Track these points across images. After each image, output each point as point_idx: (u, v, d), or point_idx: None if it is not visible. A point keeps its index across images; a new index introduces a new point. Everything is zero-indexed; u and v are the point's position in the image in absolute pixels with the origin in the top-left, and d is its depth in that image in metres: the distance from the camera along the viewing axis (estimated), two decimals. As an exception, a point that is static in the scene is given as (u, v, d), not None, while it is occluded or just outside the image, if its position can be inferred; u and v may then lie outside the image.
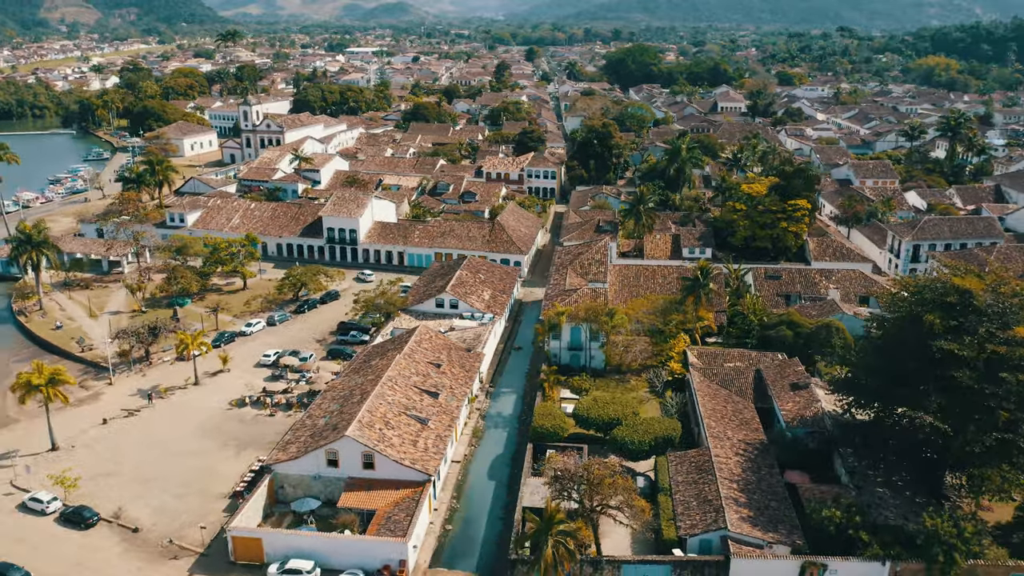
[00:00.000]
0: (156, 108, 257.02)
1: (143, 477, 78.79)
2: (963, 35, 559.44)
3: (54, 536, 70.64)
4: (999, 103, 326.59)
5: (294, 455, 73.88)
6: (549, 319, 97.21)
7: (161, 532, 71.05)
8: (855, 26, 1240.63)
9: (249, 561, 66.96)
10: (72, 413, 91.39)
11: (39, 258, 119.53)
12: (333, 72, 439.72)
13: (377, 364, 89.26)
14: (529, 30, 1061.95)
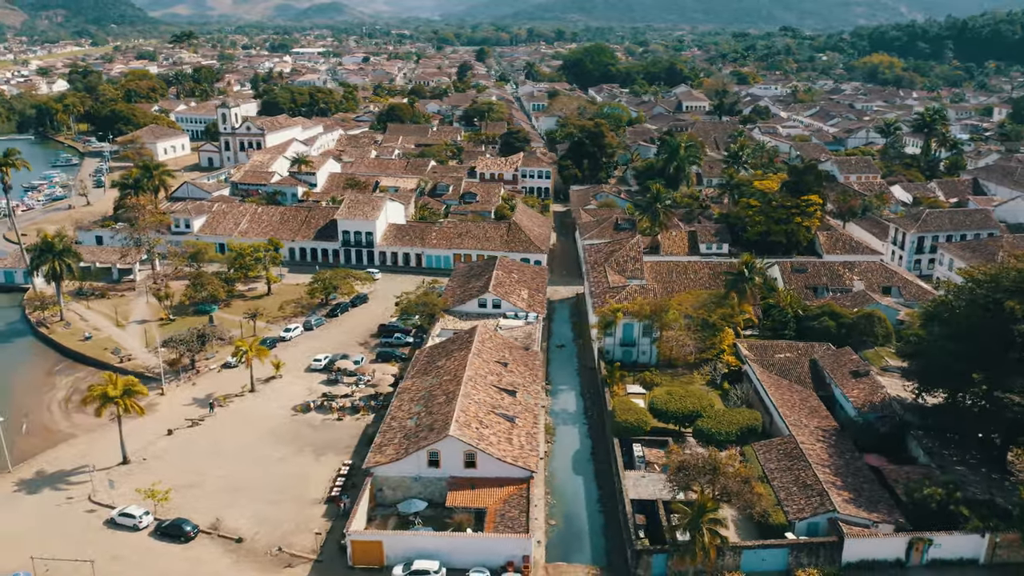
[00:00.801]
0: (124, 112, 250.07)
1: (230, 486, 77.56)
2: (900, 34, 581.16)
3: (152, 551, 69.05)
4: (947, 99, 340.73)
5: (393, 457, 73.85)
6: (604, 316, 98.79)
7: (267, 541, 70.23)
8: (786, 25, 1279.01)
9: (368, 565, 66.81)
10: (132, 425, 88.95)
11: (62, 268, 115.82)
12: (287, 73, 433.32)
13: (446, 364, 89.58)
14: (469, 30, 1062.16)
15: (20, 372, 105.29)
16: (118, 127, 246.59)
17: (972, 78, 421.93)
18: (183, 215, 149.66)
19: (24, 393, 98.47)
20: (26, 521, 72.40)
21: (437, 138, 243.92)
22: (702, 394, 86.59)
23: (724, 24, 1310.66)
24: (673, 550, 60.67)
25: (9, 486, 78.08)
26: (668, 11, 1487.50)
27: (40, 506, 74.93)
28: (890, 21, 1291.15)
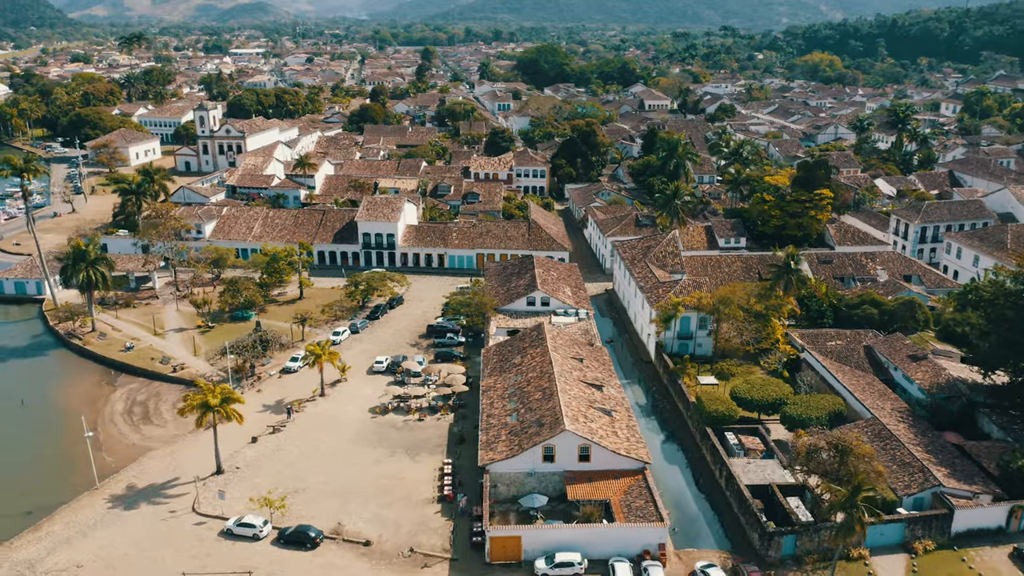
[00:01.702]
0: (90, 116, 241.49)
1: (336, 491, 77.09)
2: (833, 32, 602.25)
3: (284, 559, 68.21)
4: (891, 95, 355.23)
5: (507, 454, 74.62)
6: (665, 310, 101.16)
7: (394, 543, 70.26)
8: (711, 24, 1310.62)
9: (505, 560, 67.59)
10: (209, 435, 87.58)
11: (97, 277, 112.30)
12: (236, 75, 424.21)
13: (525, 362, 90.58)
14: (402, 30, 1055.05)
15: (67, 386, 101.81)
16: (84, 131, 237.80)
17: (909, 75, 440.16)
18: (194, 220, 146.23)
19: (81, 407, 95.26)
20: (136, 537, 70.71)
21: (416, 139, 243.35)
22: (779, 382, 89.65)
23: (652, 23, 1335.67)
24: (775, 534, 63.73)
25: (103, 503, 75.98)
26: (596, 11, 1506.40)
27: (145, 521, 73.20)
28: (812, 20, 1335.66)
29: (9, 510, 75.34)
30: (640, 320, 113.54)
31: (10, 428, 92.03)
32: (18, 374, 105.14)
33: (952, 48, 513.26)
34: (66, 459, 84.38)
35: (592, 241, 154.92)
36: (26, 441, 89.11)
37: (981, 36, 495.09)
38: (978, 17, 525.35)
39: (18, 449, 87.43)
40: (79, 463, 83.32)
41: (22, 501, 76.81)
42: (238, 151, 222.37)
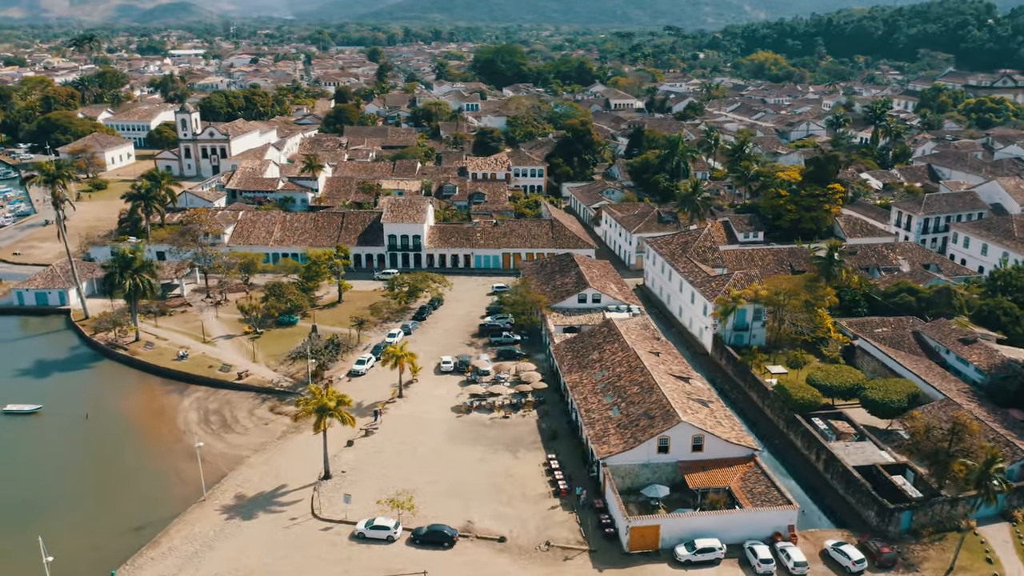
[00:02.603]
0: (62, 120, 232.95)
1: (450, 490, 77.49)
2: (770, 31, 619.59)
3: (426, 559, 68.02)
4: (842, 92, 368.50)
5: (624, 447, 76.37)
6: (725, 304, 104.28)
7: (526, 538, 71.22)
8: (639, 25, 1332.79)
9: (643, 549, 69.34)
10: (302, 439, 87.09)
11: (144, 285, 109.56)
12: (188, 76, 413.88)
13: (606, 357, 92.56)
14: (336, 30, 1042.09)
15: (126, 397, 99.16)
16: (54, 136, 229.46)
17: (853, 73, 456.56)
18: (212, 225, 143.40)
19: (149, 419, 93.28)
20: (265, 547, 70.00)
21: (398, 140, 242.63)
22: (851, 369, 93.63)
23: (583, 23, 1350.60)
24: (927, 504, 67.68)
25: (216, 514, 74.81)
26: (527, 11, 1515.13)
27: (268, 530, 72.44)
28: (737, 20, 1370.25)
29: (116, 527, 73.59)
30: (688, 313, 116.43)
31: (86, 443, 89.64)
32: (68, 388, 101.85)
33: (887, 46, 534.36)
34: (157, 471, 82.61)
35: (609, 238, 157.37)
36: (107, 455, 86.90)
37: (915, 34, 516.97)
38: (911, 15, 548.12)
39: (103, 464, 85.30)
40: (172, 475, 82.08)
41: (126, 517, 75.08)
42: (222, 155, 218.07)
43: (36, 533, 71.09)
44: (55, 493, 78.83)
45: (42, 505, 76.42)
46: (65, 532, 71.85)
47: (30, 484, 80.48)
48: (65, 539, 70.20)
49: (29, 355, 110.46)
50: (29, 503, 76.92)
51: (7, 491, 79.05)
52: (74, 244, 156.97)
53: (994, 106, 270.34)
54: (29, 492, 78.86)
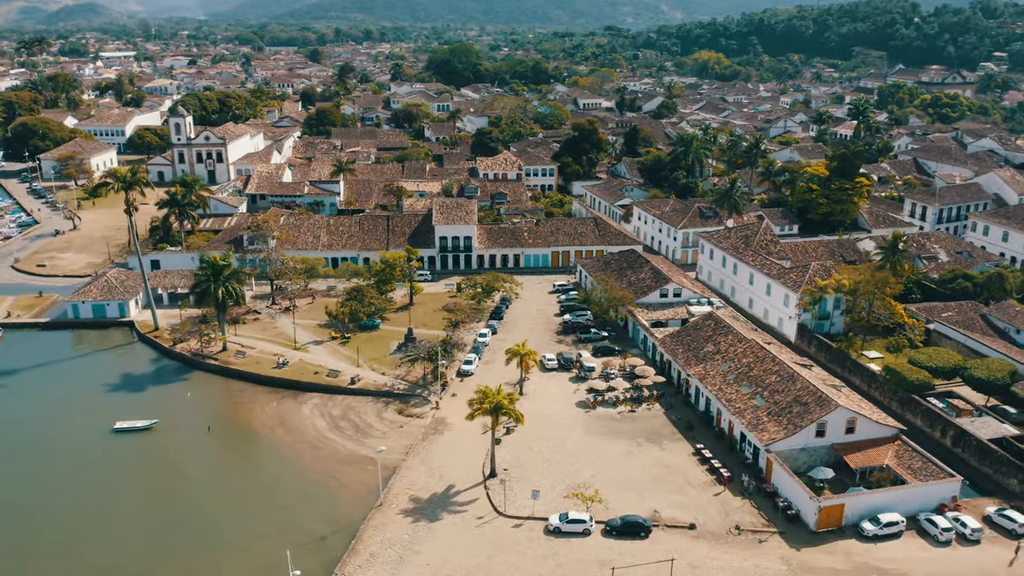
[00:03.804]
0: (39, 126, 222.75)
1: (615, 483, 79.07)
2: (703, 31, 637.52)
3: (632, 549, 69.82)
4: (792, 89, 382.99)
5: (786, 433, 79.83)
6: (813, 294, 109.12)
7: (713, 524, 73.90)
8: (559, 24, 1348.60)
9: (828, 527, 72.94)
10: (445, 440, 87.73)
11: (236, 293, 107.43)
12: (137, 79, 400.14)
13: (725, 349, 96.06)
14: (255, 30, 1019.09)
15: (239, 407, 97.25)
16: (34, 142, 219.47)
17: (799, 71, 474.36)
18: (256, 231, 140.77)
19: (279, 428, 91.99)
20: (465, 547, 70.60)
21: (389, 141, 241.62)
22: (948, 351, 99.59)
23: (505, 23, 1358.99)
24: None
25: (400, 517, 74.81)
26: (448, 10, 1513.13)
27: (459, 530, 73.01)
28: (655, 19, 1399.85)
29: (299, 538, 72.74)
30: (763, 305, 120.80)
31: (222, 457, 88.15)
32: (170, 401, 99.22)
33: (818, 44, 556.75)
34: (313, 480, 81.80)
35: (643, 234, 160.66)
36: (251, 467, 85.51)
37: (846, 33, 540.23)
38: (840, 15, 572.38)
39: (252, 476, 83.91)
40: (331, 482, 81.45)
41: (304, 527, 74.36)
42: (218, 159, 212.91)
43: (225, 548, 70.56)
44: (221, 507, 77.42)
45: (216, 520, 75.13)
46: (253, 546, 70.98)
47: (194, 500, 78.79)
48: (257, 553, 69.45)
49: (110, 370, 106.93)
50: (204, 518, 75.47)
51: (180, 508, 77.40)
52: (101, 255, 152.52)
53: (949, 101, 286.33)
54: (195, 508, 77.28)
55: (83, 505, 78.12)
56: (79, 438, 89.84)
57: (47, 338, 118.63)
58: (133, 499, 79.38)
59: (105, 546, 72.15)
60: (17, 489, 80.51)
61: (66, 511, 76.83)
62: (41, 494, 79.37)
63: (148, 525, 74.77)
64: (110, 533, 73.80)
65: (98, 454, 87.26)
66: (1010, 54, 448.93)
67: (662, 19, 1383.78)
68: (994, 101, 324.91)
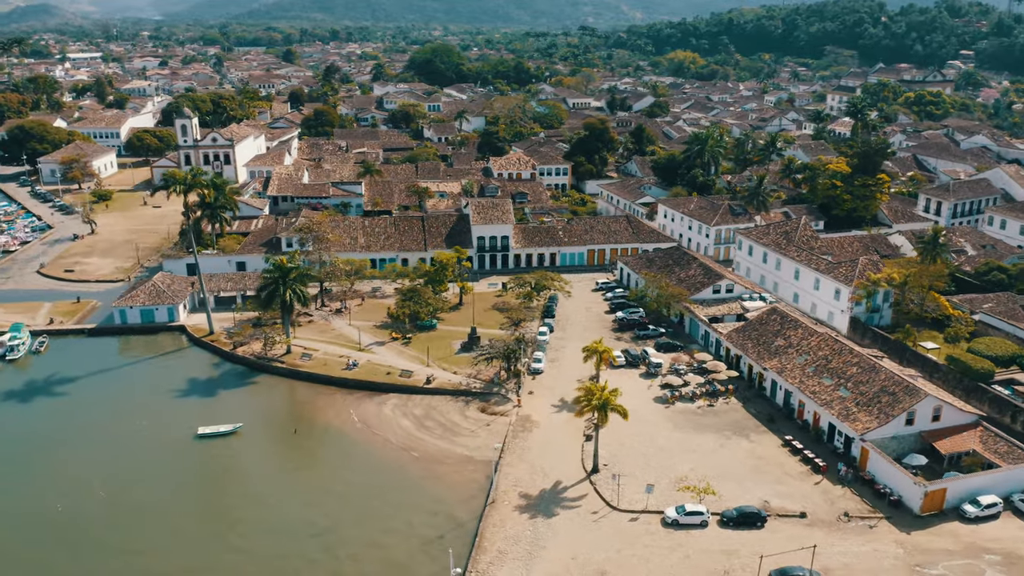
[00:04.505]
0: (37, 129, 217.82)
1: (717, 475, 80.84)
2: (674, 31, 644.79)
3: (752, 539, 71.40)
4: (771, 88, 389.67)
5: (879, 422, 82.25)
6: (867, 288, 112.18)
7: (822, 511, 76.01)
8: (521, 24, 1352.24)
9: (930, 511, 75.54)
10: (537, 437, 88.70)
11: (304, 294, 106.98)
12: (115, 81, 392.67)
13: (794, 343, 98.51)
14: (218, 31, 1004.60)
15: (322, 410, 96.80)
16: (31, 146, 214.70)
17: (775, 70, 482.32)
18: (292, 234, 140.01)
19: (365, 429, 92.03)
20: (592, 542, 71.56)
21: (392, 142, 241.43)
22: (1002, 340, 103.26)
23: (466, 23, 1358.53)
24: None
25: (516, 514, 75.52)
26: (409, 10, 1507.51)
27: (576, 525, 73.97)
28: (615, 19, 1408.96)
29: (421, 536, 73.34)
30: (810, 299, 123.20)
31: (318, 459, 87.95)
32: (246, 405, 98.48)
33: (788, 44, 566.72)
34: (415, 479, 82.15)
35: (671, 231, 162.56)
36: (349, 467, 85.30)
37: (815, 32, 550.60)
38: (808, 14, 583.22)
39: (353, 475, 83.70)
40: (435, 481, 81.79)
41: (419, 526, 74.81)
42: (226, 161, 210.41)
43: (354, 549, 70.82)
44: (335, 510, 77.39)
45: (337, 522, 75.27)
46: (389, 545, 71.45)
47: (308, 503, 78.61)
48: (391, 550, 69.93)
49: (173, 376, 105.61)
50: (324, 521, 75.49)
51: (299, 512, 77.26)
52: (127, 259, 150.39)
53: (933, 99, 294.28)
54: (312, 511, 77.23)
55: (197, 512, 78.03)
56: (165, 446, 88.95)
57: (95, 344, 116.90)
58: (247, 505, 79.06)
59: (237, 549, 72.13)
60: (121, 500, 79.51)
61: (180, 519, 76.52)
62: (148, 505, 78.59)
63: (278, 530, 74.51)
64: (239, 541, 73.51)
65: (189, 461, 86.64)
66: (976, 52, 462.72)
67: (623, 19, 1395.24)
68: (970, 98, 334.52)
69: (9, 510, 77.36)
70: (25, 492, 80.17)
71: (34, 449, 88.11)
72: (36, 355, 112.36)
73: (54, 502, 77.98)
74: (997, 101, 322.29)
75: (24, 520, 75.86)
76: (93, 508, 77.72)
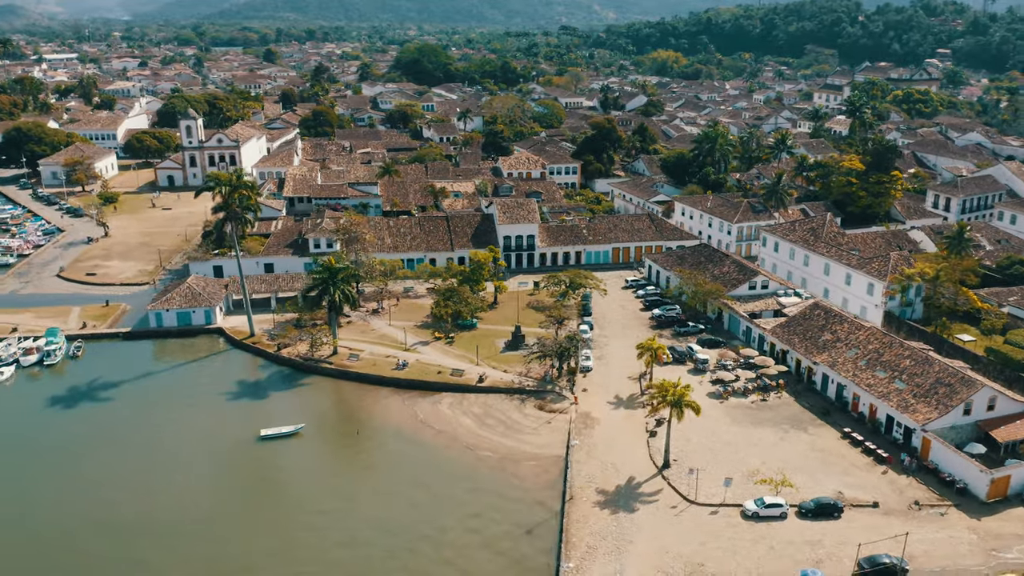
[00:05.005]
0: (34, 131, 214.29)
1: (786, 468, 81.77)
2: (653, 30, 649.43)
3: (832, 528, 73.08)
4: (756, 87, 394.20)
5: (939, 413, 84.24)
6: (902, 282, 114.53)
7: (892, 500, 77.75)
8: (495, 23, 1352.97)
9: (995, 498, 77.61)
10: (600, 433, 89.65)
11: (353, 294, 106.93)
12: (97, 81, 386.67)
13: (841, 337, 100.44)
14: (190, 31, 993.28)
15: (378, 409, 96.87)
16: (29, 148, 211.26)
17: (759, 69, 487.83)
18: (321, 235, 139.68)
19: (427, 428, 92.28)
20: (677, 535, 72.51)
21: (394, 142, 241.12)
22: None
23: (439, 23, 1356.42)
24: None
25: (596, 510, 76.13)
26: (382, 10, 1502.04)
27: (659, 519, 74.81)
28: (587, 19, 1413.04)
29: (508, 532, 74.04)
30: (841, 294, 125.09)
31: (387, 459, 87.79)
32: (302, 406, 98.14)
33: (767, 43, 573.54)
34: (489, 476, 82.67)
35: (689, 228, 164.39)
36: (419, 466, 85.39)
37: (794, 31, 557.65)
38: (786, 13, 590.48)
39: (425, 473, 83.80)
40: (511, 479, 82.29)
41: (508, 522, 75.45)
42: (231, 162, 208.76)
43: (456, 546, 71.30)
44: (421, 505, 77.78)
45: (423, 517, 75.60)
46: (467, 543, 72.01)
47: (390, 502, 78.88)
48: (472, 548, 70.53)
49: (221, 378, 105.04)
50: (412, 518, 75.76)
51: (380, 510, 77.73)
52: (147, 262, 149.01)
53: (921, 97, 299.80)
54: (397, 508, 77.50)
55: (287, 510, 78.10)
56: (231, 448, 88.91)
57: (132, 348, 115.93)
58: (333, 503, 79.09)
59: (342, 544, 72.76)
60: (202, 504, 79.22)
61: (272, 516, 76.92)
62: (234, 507, 78.99)
63: (372, 527, 74.99)
64: (339, 536, 73.83)
65: (259, 462, 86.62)
66: (953, 51, 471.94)
67: (595, 18, 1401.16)
68: (953, 96, 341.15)
69: (86, 516, 76.64)
70: (98, 499, 79.41)
71: (96, 455, 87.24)
72: (73, 360, 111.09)
73: (129, 508, 77.20)
74: (981, 99, 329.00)
75: (104, 528, 75.03)
76: (176, 512, 77.16)
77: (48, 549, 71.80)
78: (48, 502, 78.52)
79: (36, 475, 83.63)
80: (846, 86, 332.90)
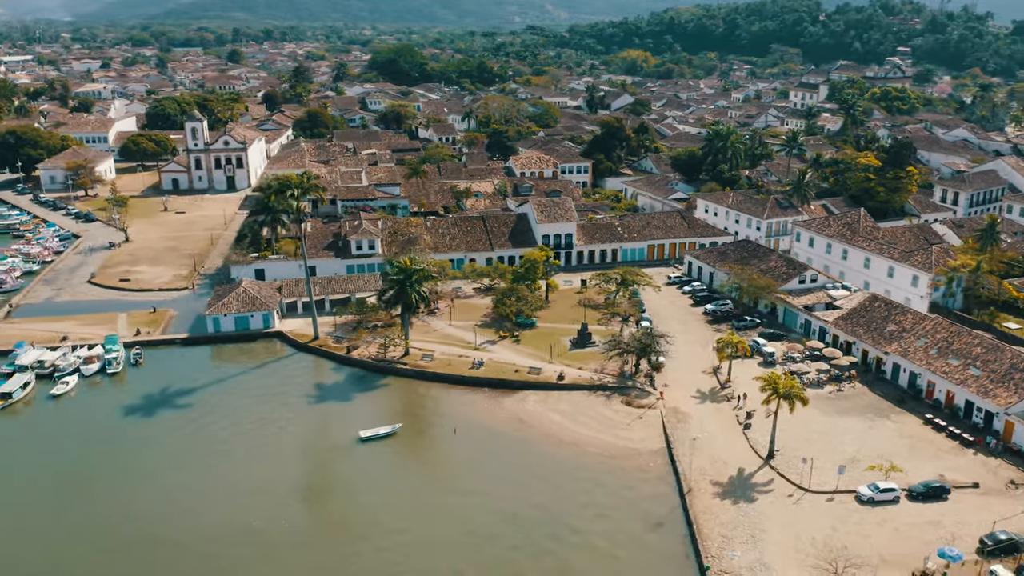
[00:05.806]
0: (30, 134, 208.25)
1: (882, 454, 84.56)
2: (616, 30, 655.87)
3: (941, 510, 75.90)
4: (732, 86, 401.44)
5: (1019, 397, 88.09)
6: (948, 274, 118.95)
7: (989, 481, 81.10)
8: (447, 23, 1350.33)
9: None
10: (693, 426, 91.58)
11: (427, 296, 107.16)
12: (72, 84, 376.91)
13: (905, 327, 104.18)
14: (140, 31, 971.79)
15: (464, 408, 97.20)
16: (25, 152, 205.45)
17: (732, 68, 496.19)
18: (364, 236, 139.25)
19: (520, 425, 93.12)
20: (807, 522, 74.50)
21: (397, 142, 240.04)
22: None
23: (391, 22, 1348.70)
24: None
25: (717, 501, 77.80)
26: (332, 9, 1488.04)
27: (782, 507, 76.54)
28: (541, 19, 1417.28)
29: (635, 528, 75.52)
30: (883, 286, 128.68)
31: (490, 456, 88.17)
32: (391, 407, 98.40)
33: (730, 42, 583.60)
34: (600, 471, 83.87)
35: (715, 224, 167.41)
36: (524, 463, 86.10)
37: (757, 31, 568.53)
38: (748, 13, 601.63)
39: (533, 469, 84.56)
40: (618, 471, 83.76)
41: (631, 515, 76.94)
42: (238, 164, 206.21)
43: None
44: (544, 503, 78.63)
45: (553, 514, 76.62)
46: (596, 539, 73.30)
47: (507, 500, 79.51)
48: (619, 544, 71.93)
49: (297, 382, 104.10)
50: (540, 517, 76.63)
51: (508, 503, 78.57)
52: (180, 266, 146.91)
53: (899, 95, 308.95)
54: (518, 506, 78.28)
55: (415, 508, 78.31)
56: (334, 450, 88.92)
57: (191, 354, 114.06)
58: (453, 500, 79.74)
59: (470, 532, 73.87)
60: (323, 507, 79.04)
61: (404, 514, 77.04)
62: (360, 508, 78.97)
63: (496, 520, 75.96)
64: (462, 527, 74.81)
65: (367, 462, 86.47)
66: (913, 49, 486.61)
67: (548, 18, 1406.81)
68: (925, 93, 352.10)
69: (203, 524, 75.80)
70: (215, 507, 78.47)
71: (198, 464, 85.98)
72: (135, 367, 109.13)
73: (247, 517, 76.43)
74: (953, 95, 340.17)
75: (232, 538, 74.14)
76: (303, 517, 76.98)
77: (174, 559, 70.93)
78: (153, 515, 76.66)
79: (131, 487, 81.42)
80: (822, 84, 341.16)
